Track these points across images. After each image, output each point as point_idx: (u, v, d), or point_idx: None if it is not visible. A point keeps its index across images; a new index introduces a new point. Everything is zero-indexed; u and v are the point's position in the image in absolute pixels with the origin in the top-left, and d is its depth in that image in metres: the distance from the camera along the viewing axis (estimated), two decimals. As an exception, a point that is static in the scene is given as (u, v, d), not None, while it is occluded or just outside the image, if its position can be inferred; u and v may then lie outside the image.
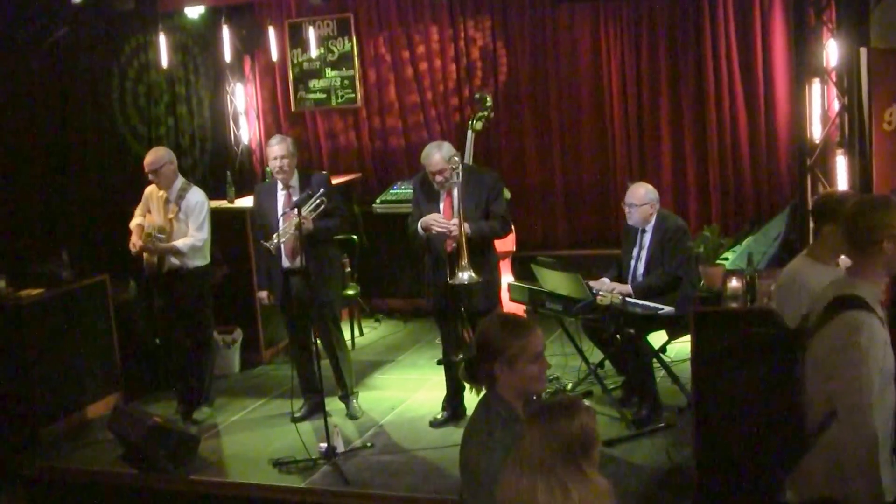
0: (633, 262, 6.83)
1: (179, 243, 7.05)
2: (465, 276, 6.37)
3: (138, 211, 7.35)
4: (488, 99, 7.93)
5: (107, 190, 8.54)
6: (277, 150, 6.94)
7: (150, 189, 7.30)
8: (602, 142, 9.59)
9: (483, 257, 6.62)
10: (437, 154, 6.52)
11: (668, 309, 6.41)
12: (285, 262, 6.96)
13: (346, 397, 7.28)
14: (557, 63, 9.61)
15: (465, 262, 6.35)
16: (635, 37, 9.29)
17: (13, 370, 7.04)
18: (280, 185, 7.04)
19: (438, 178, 6.51)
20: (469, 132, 7.79)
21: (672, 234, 6.69)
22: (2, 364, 7.03)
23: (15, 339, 7.02)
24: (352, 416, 7.19)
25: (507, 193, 8.46)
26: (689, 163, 9.29)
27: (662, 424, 6.54)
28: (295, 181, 7.02)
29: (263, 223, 7.05)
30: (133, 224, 7.25)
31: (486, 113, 7.87)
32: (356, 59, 10.21)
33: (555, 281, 6.76)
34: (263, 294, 7.17)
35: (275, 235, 6.79)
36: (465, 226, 6.41)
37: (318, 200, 6.78)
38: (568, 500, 2.82)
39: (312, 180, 6.97)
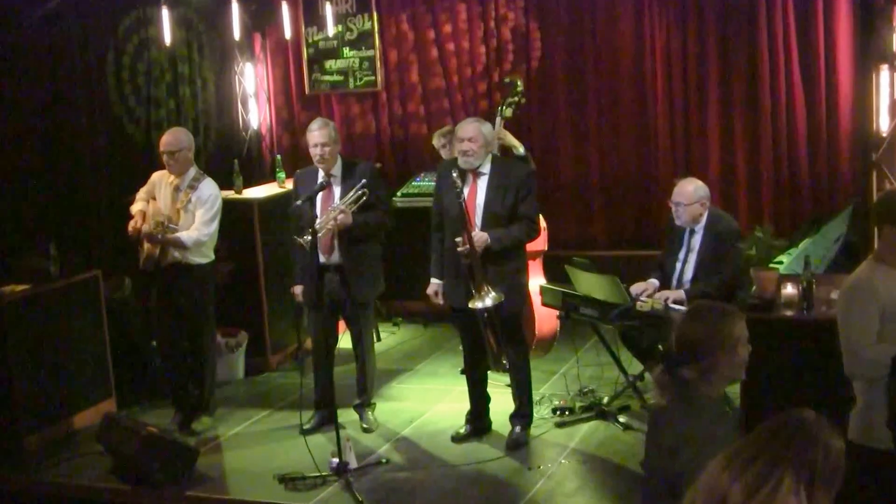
0: (679, 266, 6.74)
1: (184, 236, 7.01)
2: (489, 300, 6.36)
3: (141, 195, 7.31)
4: (519, 83, 7.90)
5: (100, 177, 8.51)
6: (318, 136, 6.88)
7: (160, 174, 7.28)
8: (644, 131, 9.52)
9: (509, 258, 6.54)
10: (476, 124, 6.49)
11: (715, 317, 6.28)
12: (321, 258, 6.87)
13: (361, 407, 7.23)
14: (595, 44, 9.55)
15: (486, 286, 6.33)
16: (682, 15, 9.20)
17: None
18: (321, 173, 6.97)
19: (466, 145, 6.41)
20: (498, 119, 7.75)
21: (726, 237, 6.61)
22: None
23: (-4, 340, 6.99)
24: (367, 428, 7.13)
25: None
26: (740, 155, 9.19)
27: (708, 444, 6.42)
28: (337, 170, 6.99)
29: (299, 213, 6.97)
30: (135, 209, 7.21)
31: (516, 99, 7.84)
32: (377, 38, 10.19)
33: (590, 284, 6.70)
34: (298, 290, 7.13)
35: (311, 229, 6.69)
36: (487, 237, 6.34)
37: (359, 192, 6.76)
38: None
39: (357, 170, 6.97)
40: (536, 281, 7.48)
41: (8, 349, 6.98)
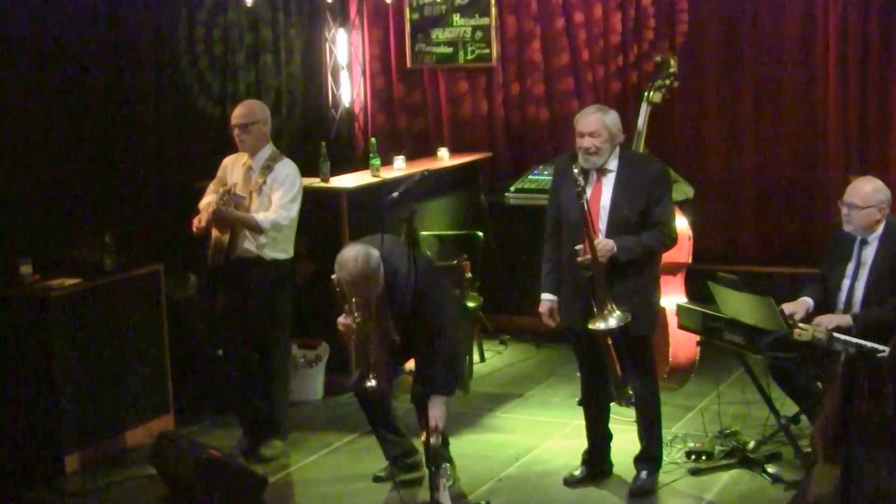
0: (847, 282, 6.64)
1: (260, 216, 7.08)
2: (613, 320, 6.26)
3: (211, 187, 7.41)
4: (672, 62, 7.84)
5: (166, 157, 8.64)
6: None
7: (231, 159, 7.38)
8: (810, 124, 9.41)
9: (638, 271, 6.45)
10: (598, 114, 6.38)
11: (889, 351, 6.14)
12: None
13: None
14: (756, 17, 9.46)
15: (610, 304, 6.24)
16: (863, -16, 9.08)
17: (36, 380, 7.09)
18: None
19: (588, 141, 6.32)
20: (644, 105, 7.67)
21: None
22: (22, 371, 7.10)
23: (40, 341, 7.06)
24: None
25: (689, 191, 8.37)
26: (929, 156, 9.01)
27: None
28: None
29: None
30: (203, 203, 7.29)
31: (668, 81, 7.75)
32: (493, 3, 10.22)
33: (738, 305, 6.58)
34: None
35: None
36: (612, 245, 6.25)
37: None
38: None
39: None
40: (676, 300, 7.38)
41: (53, 351, 7.07)
